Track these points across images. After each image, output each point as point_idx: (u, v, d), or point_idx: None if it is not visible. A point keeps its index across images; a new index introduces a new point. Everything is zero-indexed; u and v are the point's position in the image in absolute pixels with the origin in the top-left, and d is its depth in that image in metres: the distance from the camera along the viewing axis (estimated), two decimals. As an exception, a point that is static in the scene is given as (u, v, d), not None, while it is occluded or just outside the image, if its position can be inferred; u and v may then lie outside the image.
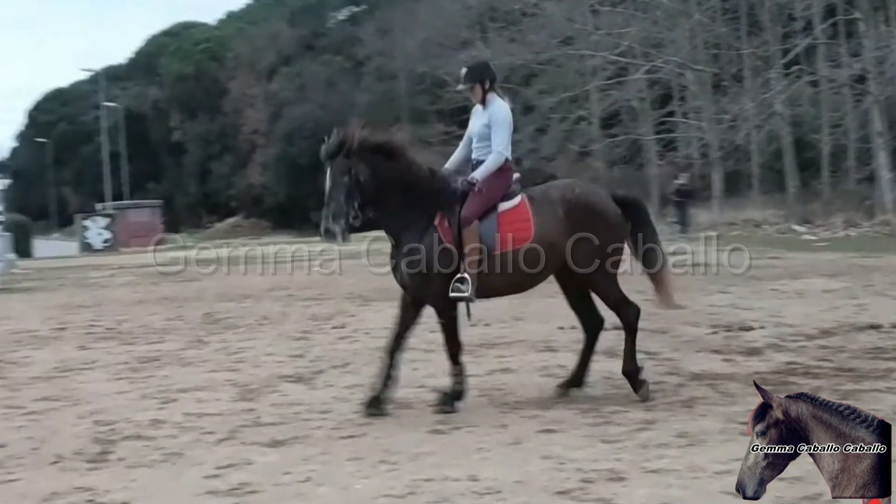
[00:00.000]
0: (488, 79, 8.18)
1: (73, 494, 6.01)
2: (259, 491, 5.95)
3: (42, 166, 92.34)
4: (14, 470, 6.67)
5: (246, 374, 10.08)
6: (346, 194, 7.78)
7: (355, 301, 16.38)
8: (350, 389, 8.92)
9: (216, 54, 76.17)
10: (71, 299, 19.83)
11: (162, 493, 5.98)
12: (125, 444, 7.28)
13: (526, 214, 8.05)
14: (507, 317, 13.04)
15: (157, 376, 10.18)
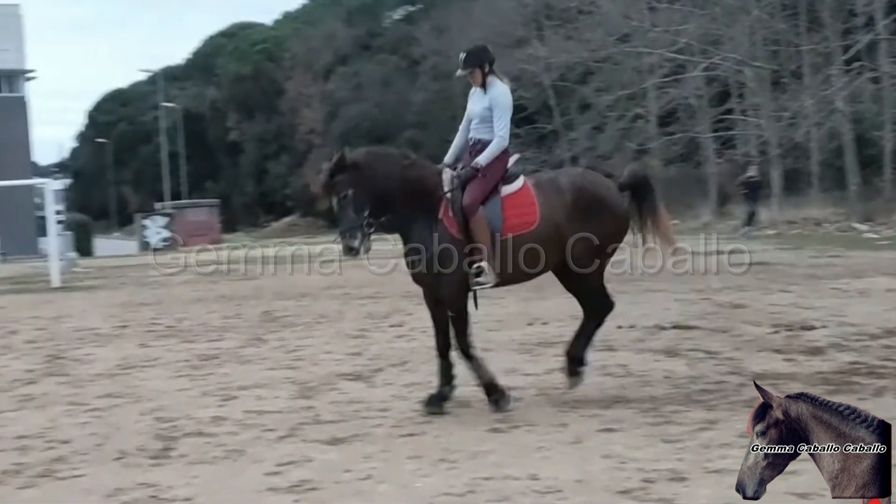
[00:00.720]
0: (487, 62, 8.15)
1: (136, 490, 6.07)
2: (319, 488, 5.97)
3: (102, 166, 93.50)
4: (79, 465, 6.76)
5: (305, 371, 10.13)
6: (356, 207, 7.80)
7: (412, 299, 16.33)
8: (409, 388, 8.93)
9: (273, 54, 76.66)
10: (132, 297, 20.06)
11: (223, 490, 6.02)
12: (187, 440, 7.35)
13: (530, 199, 8.03)
14: (564, 315, 12.96)
15: (217, 374, 10.27)
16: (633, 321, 12.18)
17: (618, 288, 16.10)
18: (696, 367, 9.36)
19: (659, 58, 42.33)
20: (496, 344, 11.04)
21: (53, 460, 6.92)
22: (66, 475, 6.54)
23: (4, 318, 17.10)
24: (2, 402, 9.30)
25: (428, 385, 8.95)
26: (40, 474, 6.58)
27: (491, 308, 14.37)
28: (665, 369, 9.08)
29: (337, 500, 5.74)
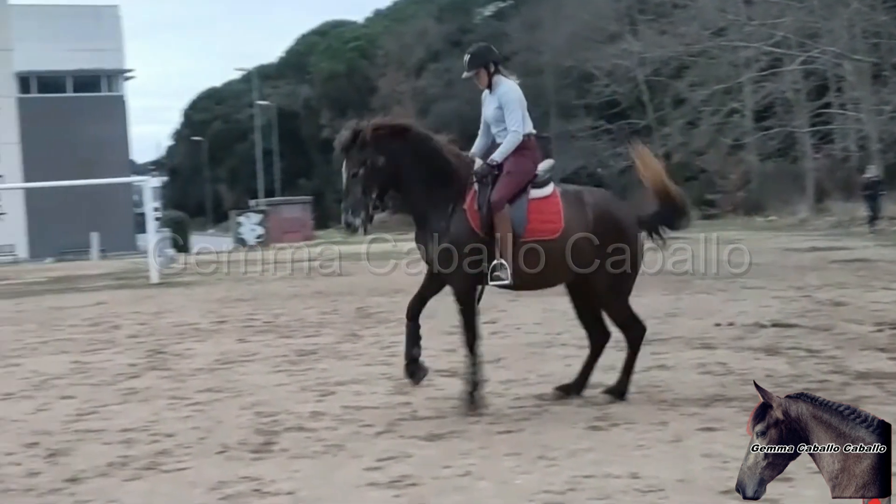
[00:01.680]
0: (492, 62, 8.08)
1: (239, 483, 6.15)
2: (419, 484, 5.99)
3: (198, 164, 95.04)
4: (183, 458, 6.88)
5: (400, 367, 10.14)
6: (364, 186, 7.76)
7: (505, 296, 16.33)
8: (505, 384, 8.92)
9: (365, 52, 77.18)
10: (229, 293, 20.35)
11: (325, 485, 6.07)
12: (287, 435, 7.43)
13: (557, 207, 7.89)
14: (660, 313, 12.86)
15: (315, 369, 10.37)
16: (731, 319, 12.02)
17: (714, 285, 16.02)
18: (798, 365, 9.21)
19: (755, 51, 41.72)
20: (592, 341, 10.97)
21: (158, 453, 7.05)
22: (171, 468, 6.65)
23: (106, 314, 17.48)
24: (106, 395, 9.51)
25: (524, 382, 8.97)
26: (146, 467, 6.70)
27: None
28: (766, 368, 8.94)
29: (437, 496, 5.75)
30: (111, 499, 5.97)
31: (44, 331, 15.35)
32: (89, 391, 9.79)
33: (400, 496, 5.78)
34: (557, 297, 15.47)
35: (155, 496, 5.98)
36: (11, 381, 10.66)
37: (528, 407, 8.00)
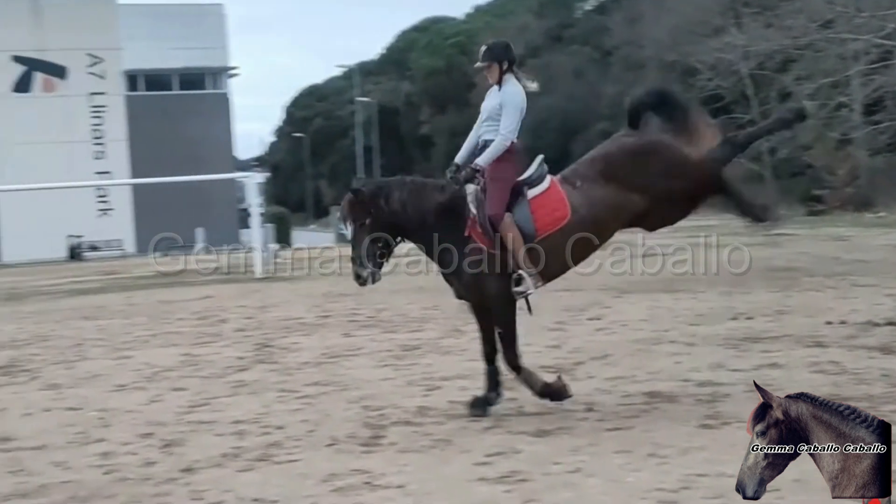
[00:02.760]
0: (507, 60, 7.93)
1: (350, 476, 6.20)
2: (529, 479, 5.97)
3: (299, 160, 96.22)
4: (293, 451, 6.96)
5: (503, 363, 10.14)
6: (369, 238, 7.75)
7: (609, 292, 16.23)
8: (612, 381, 8.84)
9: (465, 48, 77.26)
10: (332, 288, 20.53)
11: (434, 479, 6.08)
12: (395, 429, 7.47)
13: (558, 194, 7.76)
14: (769, 310, 12.65)
15: (419, 364, 10.41)
16: (843, 317, 11.75)
17: (825, 283, 15.69)
18: (915, 365, 8.95)
19: (865, 44, 40.71)
20: (700, 338, 10.85)
21: (269, 445, 7.15)
22: (283, 459, 6.74)
23: (213, 307, 17.79)
24: (217, 387, 9.68)
25: (632, 379, 8.89)
26: (258, 458, 6.80)
27: (691, 302, 14.16)
28: (881, 367, 8.70)
29: (547, 492, 5.72)
30: (226, 489, 6.06)
31: (153, 324, 15.69)
32: (200, 383, 9.98)
33: (510, 491, 5.77)
34: (663, 294, 15.40)
35: (268, 487, 6.05)
36: (124, 372, 10.91)
37: (637, 404, 7.91)
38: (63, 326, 16.32)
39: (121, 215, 65.41)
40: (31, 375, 11.09)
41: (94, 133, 67.10)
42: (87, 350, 13.03)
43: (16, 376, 11.10)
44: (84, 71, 67.39)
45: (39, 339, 14.66)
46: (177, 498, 5.95)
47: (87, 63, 67.48)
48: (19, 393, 10.00)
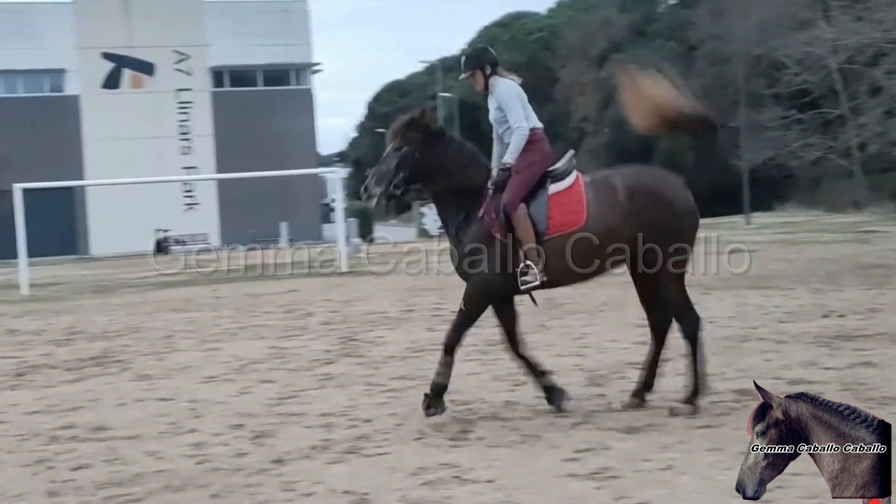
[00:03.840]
0: (488, 64, 7.91)
1: (439, 470, 6.20)
2: (620, 476, 5.92)
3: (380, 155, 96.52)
4: (381, 444, 6.99)
5: (592, 359, 10.11)
6: (398, 163, 7.76)
7: (696, 289, 15.98)
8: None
9: (548, 43, 77.04)
10: (416, 282, 20.61)
11: (524, 474, 6.06)
12: (483, 423, 7.46)
13: (579, 197, 7.59)
14: (862, 308, 12.41)
15: (504, 359, 10.29)
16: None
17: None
18: None
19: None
20: (790, 336, 10.68)
21: (358, 438, 7.19)
22: (371, 452, 6.77)
23: (299, 301, 17.96)
24: (304, 380, 9.76)
25: (722, 376, 8.77)
26: (347, 451, 6.84)
27: (780, 299, 13.95)
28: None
29: (639, 489, 5.67)
30: (316, 480, 6.10)
31: (241, 316, 15.89)
32: (287, 376, 10.08)
33: (601, 488, 5.73)
34: (750, 291, 15.20)
35: (358, 479, 6.08)
36: (213, 364, 11.06)
37: (728, 402, 7.82)
38: (153, 318, 16.61)
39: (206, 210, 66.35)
40: (124, 366, 11.30)
41: (181, 129, 68.15)
42: (176, 342, 13.24)
43: (108, 367, 11.32)
44: (171, 67, 68.47)
45: (130, 330, 14.94)
46: (268, 489, 6.00)
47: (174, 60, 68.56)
48: (112, 383, 10.18)
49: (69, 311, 19.35)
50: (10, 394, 9.87)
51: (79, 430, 7.92)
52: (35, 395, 9.70)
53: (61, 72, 68.17)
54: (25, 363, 11.92)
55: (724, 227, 44.84)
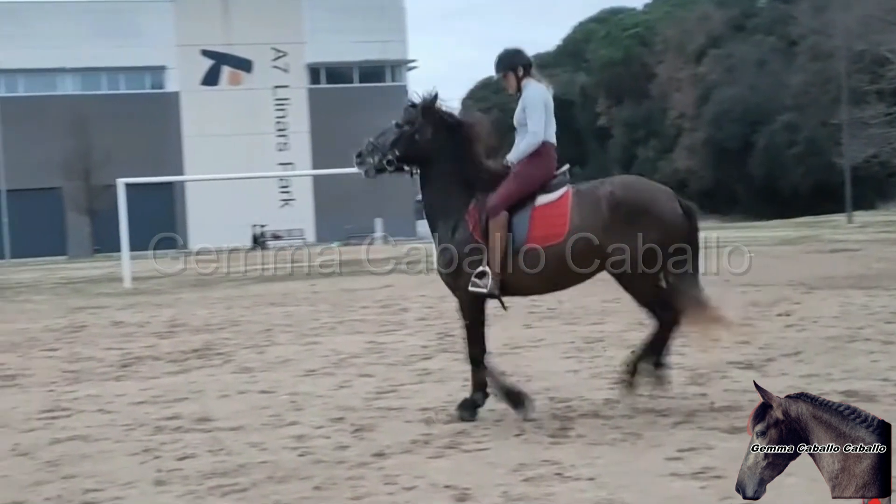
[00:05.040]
0: (521, 65, 7.77)
1: (540, 466, 6.18)
2: (724, 476, 5.81)
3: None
4: (481, 439, 6.99)
5: (692, 358, 9.96)
6: (396, 138, 7.69)
7: (798, 288, 15.79)
8: (806, 379, 8.58)
9: (644, 39, 76.36)
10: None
11: (626, 472, 6.00)
12: (583, 421, 7.41)
13: (563, 210, 7.44)
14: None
15: (603, 356, 10.33)
16: None
17: None
18: None
19: None
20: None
21: (457, 433, 7.19)
22: (471, 448, 6.76)
23: (395, 296, 18.07)
24: (402, 375, 9.81)
25: (827, 377, 8.61)
26: (447, 445, 6.85)
27: (886, 299, 13.64)
28: None
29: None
30: (417, 475, 6.12)
31: (338, 311, 16.04)
32: (385, 370, 10.14)
33: (706, 488, 5.65)
34: (855, 291, 14.89)
35: (458, 474, 6.08)
36: (312, 358, 11.17)
37: (833, 403, 7.64)
38: (252, 312, 16.85)
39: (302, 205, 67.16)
40: (225, 359, 11.48)
41: (278, 125, 69.10)
42: (275, 335, 13.41)
43: (210, 359, 11.51)
44: (269, 64, 69.47)
45: (231, 323, 15.18)
46: (370, 482, 6.03)
47: (271, 57, 69.55)
48: (214, 375, 10.35)
49: (170, 304, 19.75)
50: (117, 384, 10.09)
51: (183, 420, 8.06)
52: (140, 385, 9.91)
53: (162, 69, 69.60)
54: (130, 355, 12.18)
55: (826, 225, 44.03)
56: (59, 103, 65.46)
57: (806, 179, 61.29)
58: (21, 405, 9.11)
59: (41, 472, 6.60)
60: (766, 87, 62.19)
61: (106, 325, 15.98)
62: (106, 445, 7.32)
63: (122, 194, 27.89)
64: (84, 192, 62.28)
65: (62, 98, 66.94)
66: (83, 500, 5.94)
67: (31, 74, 68.23)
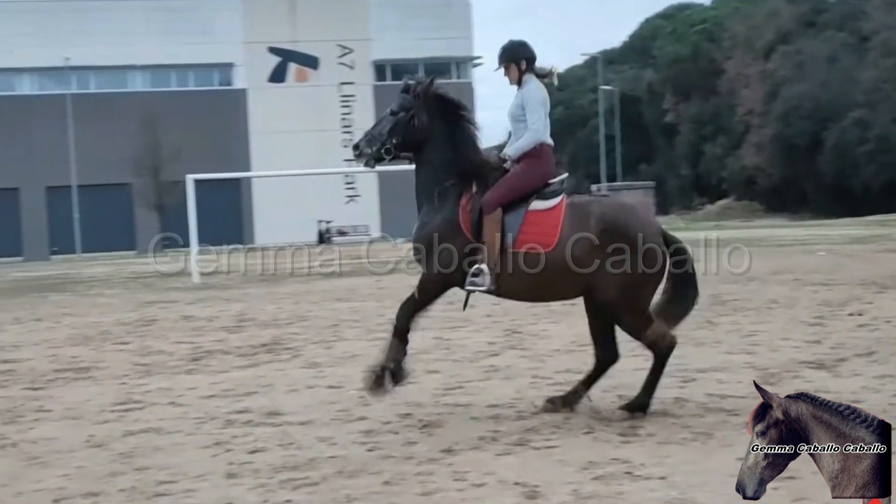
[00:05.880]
0: (524, 59, 7.67)
1: (610, 465, 6.15)
2: (798, 477, 5.73)
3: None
4: (550, 437, 6.97)
5: (763, 357, 9.88)
6: (392, 128, 7.64)
7: (870, 287, 15.56)
8: (880, 380, 8.46)
9: (712, 34, 75.64)
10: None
11: (697, 472, 5.95)
12: (652, 420, 7.37)
13: (556, 221, 7.35)
14: None
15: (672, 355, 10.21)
16: None
17: None
18: None
19: None
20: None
21: (526, 430, 7.18)
22: (540, 445, 6.75)
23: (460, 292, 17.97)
24: (470, 372, 9.82)
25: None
26: (516, 443, 6.84)
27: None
28: None
29: (818, 490, 5.47)
30: (487, 471, 6.11)
31: (404, 307, 16.04)
32: (452, 367, 10.16)
33: (778, 489, 5.55)
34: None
35: (528, 471, 6.07)
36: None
37: (910, 405, 7.53)
38: (319, 307, 16.97)
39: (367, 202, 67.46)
40: (293, 353, 11.57)
41: (343, 122, 69.48)
42: (343, 331, 13.49)
43: (279, 354, 11.61)
44: (335, 61, 69.87)
45: (298, 318, 15.29)
46: (439, 478, 6.04)
47: (337, 54, 69.93)
48: (283, 370, 10.43)
49: (238, 298, 19.93)
50: (187, 378, 10.21)
51: (253, 414, 8.13)
52: (210, 379, 10.01)
53: (230, 66, 70.26)
54: (200, 348, 12.32)
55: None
56: (129, 100, 66.39)
57: (877, 177, 60.33)
58: (94, 397, 9.25)
59: (115, 464, 6.71)
60: (836, 83, 61.26)
61: (176, 319, 16.18)
62: (178, 438, 7.41)
63: (191, 190, 28.20)
64: (153, 187, 63.08)
65: (132, 95, 67.89)
66: (156, 491, 6.01)
67: (101, 71, 69.23)
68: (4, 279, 35.55)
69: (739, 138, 70.40)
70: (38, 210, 67.59)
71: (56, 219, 66.55)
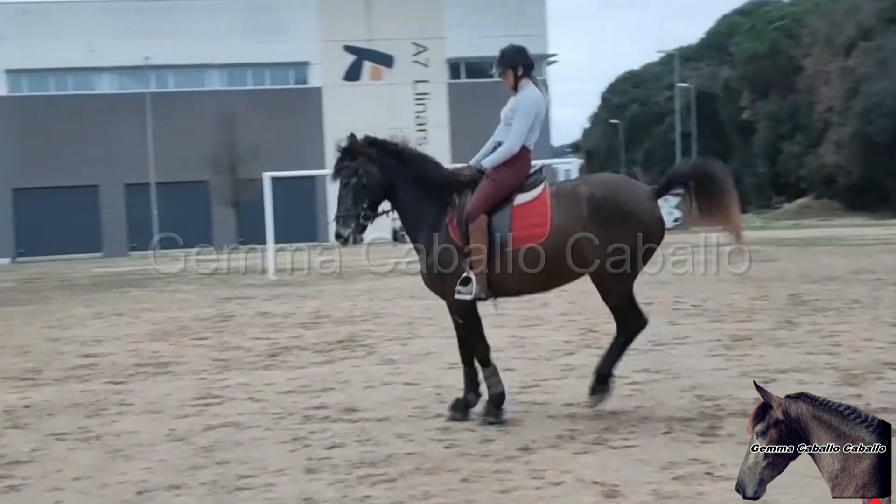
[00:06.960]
0: (521, 65, 7.69)
1: (689, 465, 6.09)
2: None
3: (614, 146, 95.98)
4: (628, 436, 6.92)
5: (845, 358, 9.71)
6: (354, 197, 7.60)
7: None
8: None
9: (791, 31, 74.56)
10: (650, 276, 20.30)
11: (780, 474, 5.87)
12: (732, 420, 7.28)
13: (544, 209, 7.36)
14: None
15: (751, 355, 10.12)
16: None
17: None
18: None
19: None
20: None
21: (604, 429, 7.14)
22: (618, 444, 6.71)
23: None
24: (545, 370, 9.79)
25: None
26: (594, 441, 6.81)
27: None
28: None
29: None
30: (564, 469, 6.09)
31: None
32: (528, 365, 10.13)
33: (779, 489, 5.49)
34: None
35: (607, 471, 6.04)
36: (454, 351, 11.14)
37: None
38: (393, 304, 17.04)
39: (441, 199, 67.35)
40: (369, 350, 11.63)
41: (418, 119, 69.58)
42: (417, 328, 13.53)
43: (354, 350, 11.67)
44: (409, 59, 70.02)
45: (373, 315, 15.37)
46: (517, 476, 6.03)
47: (412, 52, 70.07)
48: (359, 366, 10.49)
49: (314, 295, 20.10)
50: (265, 373, 10.31)
51: (330, 410, 8.19)
52: (288, 375, 10.10)
53: (305, 64, 70.70)
54: (277, 345, 12.44)
55: None
56: (207, 98, 67.12)
57: (962, 176, 59.07)
58: (174, 392, 9.38)
59: (196, 458, 6.79)
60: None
61: (253, 316, 16.35)
62: (257, 433, 7.49)
63: (267, 188, 28.43)
64: (230, 185, 63.76)
65: (209, 93, 68.62)
66: (237, 485, 6.08)
67: (179, 70, 70.07)
68: (85, 275, 36.21)
69: (818, 136, 69.29)
70: (118, 207, 68.64)
71: (134, 216, 67.53)
